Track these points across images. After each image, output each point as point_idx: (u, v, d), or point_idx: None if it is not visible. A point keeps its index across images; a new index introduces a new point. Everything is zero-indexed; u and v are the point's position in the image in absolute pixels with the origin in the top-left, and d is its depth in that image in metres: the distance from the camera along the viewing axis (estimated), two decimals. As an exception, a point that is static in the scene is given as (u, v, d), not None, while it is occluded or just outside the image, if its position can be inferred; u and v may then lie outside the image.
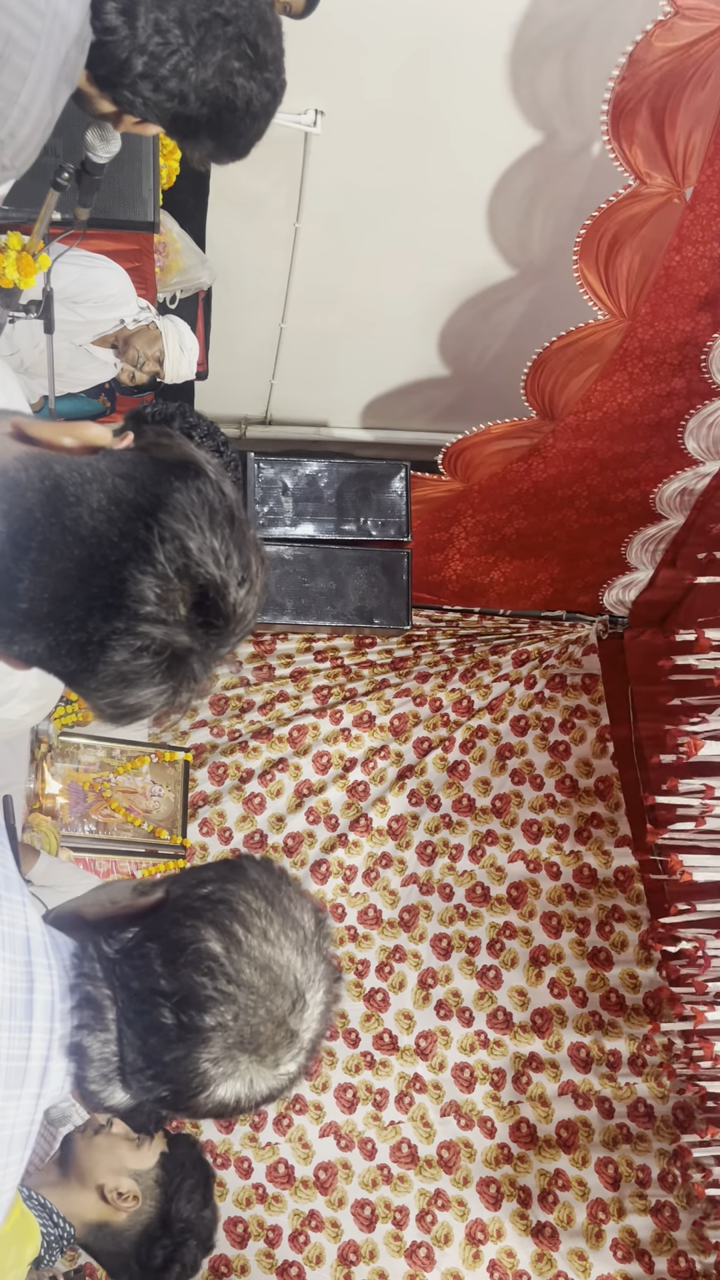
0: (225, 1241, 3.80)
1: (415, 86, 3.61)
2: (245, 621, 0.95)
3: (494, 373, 4.62)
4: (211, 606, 0.92)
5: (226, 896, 1.00)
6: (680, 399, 3.97)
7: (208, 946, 0.97)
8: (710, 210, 3.36)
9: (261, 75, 1.59)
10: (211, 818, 4.43)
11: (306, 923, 1.03)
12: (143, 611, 0.88)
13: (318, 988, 1.02)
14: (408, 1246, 3.89)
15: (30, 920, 0.97)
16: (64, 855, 3.47)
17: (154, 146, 3.07)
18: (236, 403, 5.02)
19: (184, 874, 1.05)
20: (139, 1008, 0.96)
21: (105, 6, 1.50)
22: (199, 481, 0.93)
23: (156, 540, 0.88)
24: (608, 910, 4.45)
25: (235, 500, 0.95)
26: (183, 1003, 0.95)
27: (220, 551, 0.91)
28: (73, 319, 2.99)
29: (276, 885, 1.02)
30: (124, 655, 0.90)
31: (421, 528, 4.52)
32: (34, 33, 1.44)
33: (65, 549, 0.88)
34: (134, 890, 1.05)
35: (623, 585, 4.83)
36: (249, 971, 0.97)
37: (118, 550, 0.88)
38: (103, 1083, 0.97)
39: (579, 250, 3.52)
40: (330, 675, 4.71)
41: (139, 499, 0.90)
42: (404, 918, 4.41)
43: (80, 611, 0.89)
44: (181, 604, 0.90)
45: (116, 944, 1.01)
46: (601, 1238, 3.94)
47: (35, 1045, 0.94)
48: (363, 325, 4.56)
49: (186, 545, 0.89)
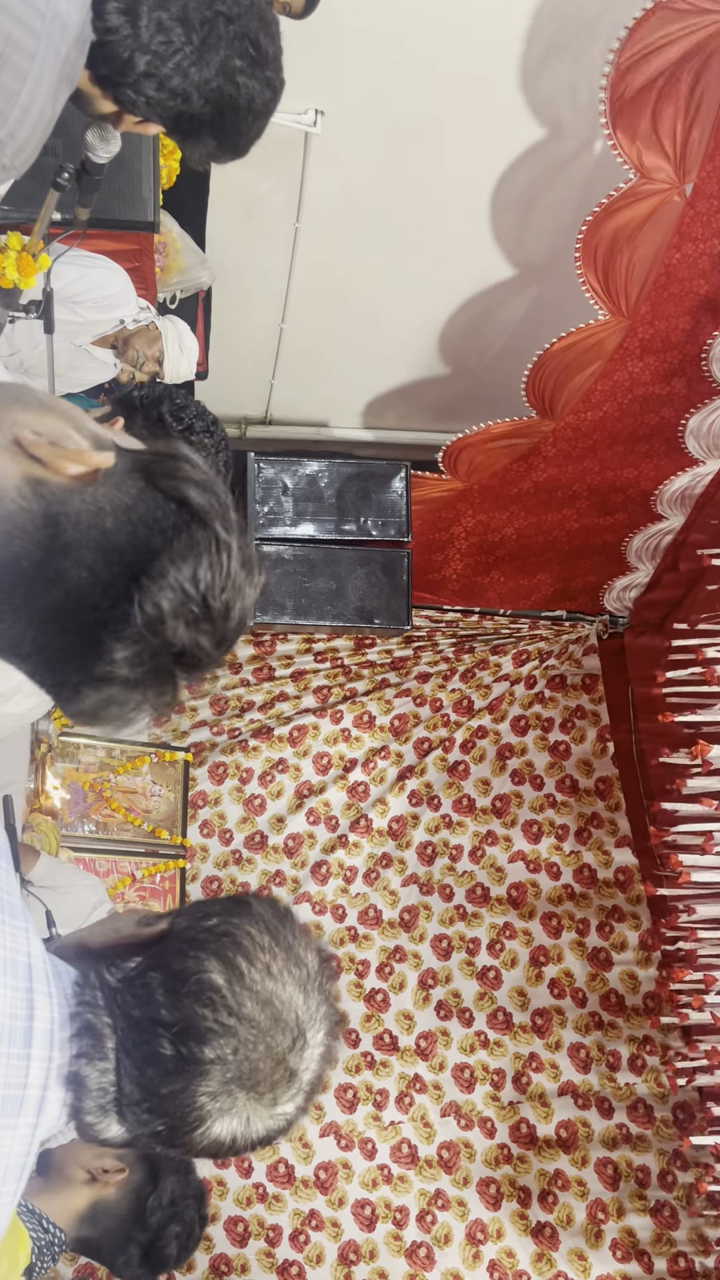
0: (225, 1240, 3.81)
1: (415, 86, 3.60)
2: (223, 653, 0.97)
3: (494, 372, 4.62)
4: (185, 661, 0.94)
5: (231, 929, 0.99)
6: (680, 398, 3.97)
7: (210, 978, 0.96)
8: (710, 207, 3.36)
9: (263, 74, 1.59)
10: (212, 819, 4.43)
11: (310, 961, 1.02)
12: (115, 674, 0.91)
13: (319, 1027, 1.01)
14: (408, 1246, 3.90)
15: (33, 947, 0.97)
16: (64, 855, 3.47)
17: (154, 146, 3.07)
18: (236, 403, 5.02)
19: (190, 907, 1.05)
20: (138, 1037, 0.96)
21: (107, 6, 1.50)
22: (190, 528, 0.92)
23: (135, 609, 0.89)
24: (608, 910, 4.45)
25: (225, 535, 0.93)
26: (182, 1034, 0.95)
27: (199, 605, 0.91)
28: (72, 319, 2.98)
29: (281, 921, 1.02)
30: (93, 702, 0.93)
31: (421, 527, 4.52)
32: (34, 32, 1.43)
33: (49, 600, 0.89)
34: (139, 921, 1.05)
35: (623, 586, 4.83)
36: (250, 1005, 0.96)
37: (97, 612, 0.89)
38: (99, 1114, 0.96)
39: (579, 249, 3.52)
40: (330, 675, 4.71)
41: (125, 554, 0.89)
42: (404, 918, 4.41)
43: (57, 658, 0.91)
44: (153, 661, 0.92)
45: (119, 973, 1.00)
46: (601, 1238, 3.94)
47: (33, 1074, 0.94)
48: (363, 325, 4.56)
49: (162, 611, 0.89)
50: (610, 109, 3.16)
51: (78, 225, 2.30)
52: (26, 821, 3.26)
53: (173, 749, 4.19)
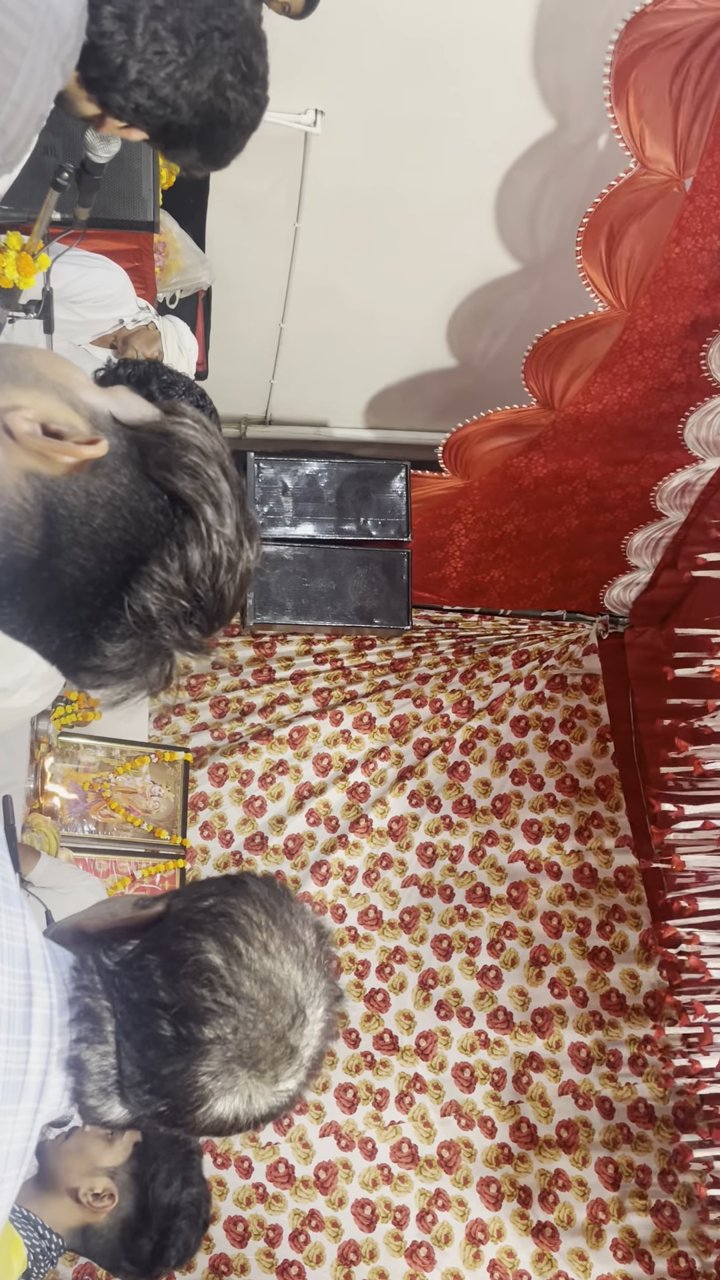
0: (225, 1241, 3.81)
1: (415, 86, 3.60)
2: (217, 630, 1.00)
3: (494, 372, 4.62)
4: (178, 648, 0.98)
5: (227, 909, 1.00)
6: (680, 393, 3.97)
7: (208, 958, 0.97)
8: (710, 202, 3.36)
9: (253, 90, 1.59)
10: (212, 820, 4.43)
11: (308, 938, 1.03)
12: (108, 667, 0.96)
13: (318, 1004, 1.01)
14: (408, 1246, 3.89)
15: (30, 933, 0.97)
16: (64, 855, 3.46)
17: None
18: (236, 403, 5.02)
19: (186, 888, 1.06)
20: (138, 1020, 0.96)
21: (103, 10, 1.49)
22: (183, 524, 0.93)
23: (125, 611, 0.92)
24: (608, 910, 4.45)
25: (228, 539, 0.96)
26: (181, 1015, 0.95)
27: (188, 599, 0.94)
28: (71, 319, 2.98)
29: (278, 900, 1.03)
30: (88, 680, 0.98)
31: (421, 525, 4.52)
32: (26, 26, 1.42)
33: (45, 596, 0.93)
34: (135, 904, 1.05)
35: (623, 585, 4.83)
36: (249, 984, 0.97)
37: (91, 609, 0.93)
38: (101, 1097, 0.97)
39: (581, 240, 3.52)
40: (330, 677, 4.71)
41: (117, 553, 0.92)
42: (404, 919, 4.41)
43: (56, 643, 0.96)
44: (143, 651, 0.96)
45: (116, 956, 1.01)
46: (602, 1237, 3.94)
47: (34, 1060, 0.94)
48: (363, 325, 4.56)
49: (151, 613, 0.93)
50: (614, 92, 3.16)
51: (77, 225, 2.30)
52: (26, 821, 3.26)
53: (173, 749, 4.18)
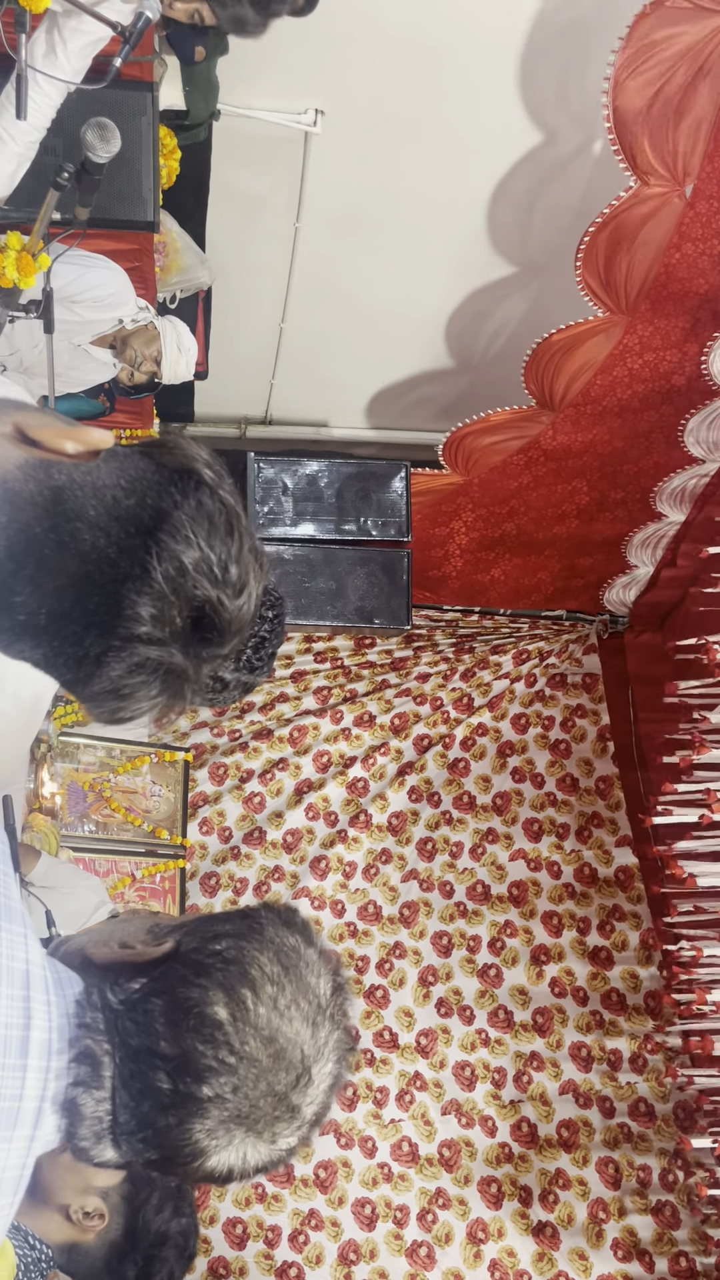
0: (224, 1243, 3.80)
1: (416, 86, 3.60)
2: (241, 631, 0.94)
3: (494, 372, 4.62)
4: (207, 622, 0.91)
5: (240, 956, 0.95)
6: (680, 396, 3.98)
7: (213, 1012, 0.93)
8: (710, 208, 3.37)
9: None
10: (211, 816, 4.44)
11: (322, 990, 0.98)
12: (139, 631, 0.88)
13: (325, 1061, 0.97)
14: (408, 1245, 3.90)
15: (31, 954, 0.94)
16: (64, 855, 3.47)
17: (154, 146, 3.06)
18: (236, 403, 5.02)
19: (200, 922, 1.01)
20: (135, 1068, 0.94)
21: None
22: (199, 493, 0.91)
23: (154, 561, 0.87)
24: (608, 909, 4.46)
25: (234, 507, 0.93)
26: (180, 1069, 0.92)
27: (218, 566, 0.90)
28: (71, 319, 2.98)
29: (295, 946, 0.98)
30: (119, 671, 0.90)
31: (421, 522, 4.52)
32: None
33: (63, 565, 0.87)
34: (148, 932, 1.01)
35: (623, 584, 4.83)
36: (253, 1043, 0.93)
37: (116, 569, 0.87)
38: (93, 1140, 0.95)
39: (581, 254, 3.53)
40: (330, 676, 4.72)
41: (139, 514, 0.88)
42: (404, 914, 4.41)
43: (77, 628, 0.88)
44: (178, 619, 0.89)
45: (122, 993, 0.97)
46: (602, 1237, 3.94)
47: (30, 1085, 0.92)
48: (362, 325, 4.56)
49: (184, 564, 0.88)
50: (612, 109, 3.17)
51: (77, 225, 2.30)
52: (26, 821, 3.26)
53: (173, 749, 4.19)
